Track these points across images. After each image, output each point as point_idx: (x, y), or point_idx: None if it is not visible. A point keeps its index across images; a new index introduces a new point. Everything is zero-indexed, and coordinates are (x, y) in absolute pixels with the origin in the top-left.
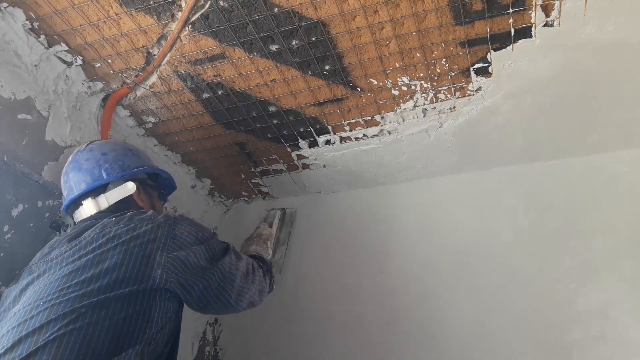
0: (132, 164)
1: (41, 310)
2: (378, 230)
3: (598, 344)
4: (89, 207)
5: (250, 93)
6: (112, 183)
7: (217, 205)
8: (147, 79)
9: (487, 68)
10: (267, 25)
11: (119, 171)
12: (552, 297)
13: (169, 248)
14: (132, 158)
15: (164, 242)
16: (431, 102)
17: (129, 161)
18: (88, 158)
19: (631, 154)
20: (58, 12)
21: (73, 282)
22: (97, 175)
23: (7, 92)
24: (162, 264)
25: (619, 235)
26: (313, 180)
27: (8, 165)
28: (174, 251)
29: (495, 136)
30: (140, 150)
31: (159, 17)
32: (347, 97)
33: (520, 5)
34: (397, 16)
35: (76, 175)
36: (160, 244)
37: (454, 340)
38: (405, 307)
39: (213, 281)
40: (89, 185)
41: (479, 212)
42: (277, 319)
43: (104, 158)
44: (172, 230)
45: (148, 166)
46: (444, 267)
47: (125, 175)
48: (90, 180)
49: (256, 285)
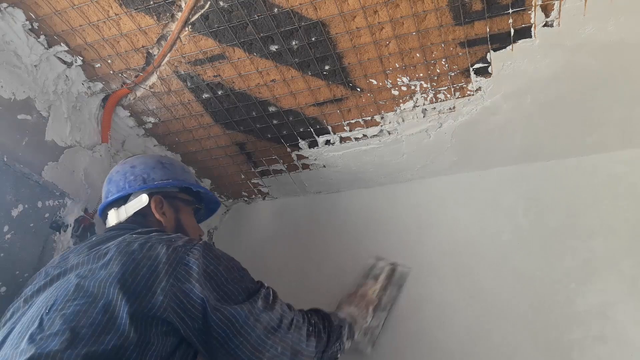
0: (158, 176)
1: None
2: (378, 230)
3: (598, 344)
4: (112, 217)
5: (250, 93)
6: (133, 195)
7: None
8: (147, 79)
9: (487, 68)
10: (267, 26)
11: (140, 183)
12: (552, 297)
13: (177, 275)
14: (160, 171)
15: (174, 267)
16: (431, 102)
17: (155, 174)
18: (118, 170)
19: (631, 154)
20: (58, 13)
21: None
22: (121, 186)
23: (7, 92)
24: (166, 291)
25: (619, 235)
26: (313, 180)
27: (8, 166)
28: (180, 280)
29: (495, 136)
30: (177, 164)
31: (158, 17)
32: (347, 97)
33: (520, 6)
34: (397, 16)
35: (106, 186)
36: (170, 269)
37: (453, 340)
38: (405, 307)
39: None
40: (113, 196)
41: (478, 212)
42: None
43: (131, 171)
44: (186, 256)
45: (176, 179)
46: (443, 266)
47: (145, 187)
48: (115, 192)
49: (287, 343)
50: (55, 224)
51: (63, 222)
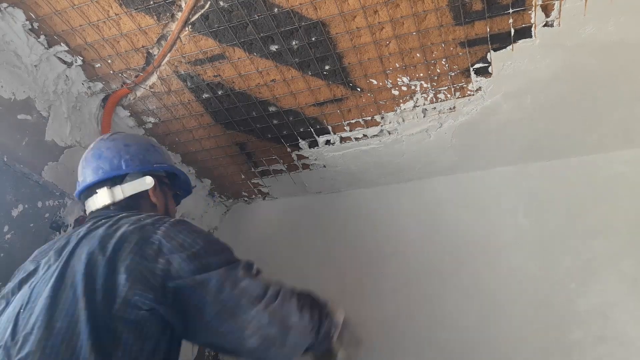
0: (153, 159)
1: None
2: (378, 230)
3: (598, 344)
4: (102, 196)
5: (250, 93)
6: (129, 175)
7: (217, 206)
8: (147, 79)
9: (487, 68)
10: (267, 26)
11: (138, 164)
12: (552, 297)
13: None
14: (154, 154)
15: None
16: (431, 102)
17: (150, 156)
18: (110, 147)
19: (631, 154)
20: (58, 13)
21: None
22: (116, 164)
23: (7, 92)
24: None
25: (619, 235)
26: (313, 180)
27: (8, 166)
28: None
29: (495, 136)
30: (163, 149)
31: (158, 17)
32: (347, 97)
33: (520, 5)
34: (397, 16)
35: (95, 162)
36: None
37: (454, 340)
38: (405, 307)
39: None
40: (107, 174)
41: (479, 212)
42: None
43: (126, 149)
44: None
45: (168, 164)
46: (444, 266)
47: (144, 169)
48: (109, 169)
49: (276, 316)
50: (55, 224)
51: (63, 222)
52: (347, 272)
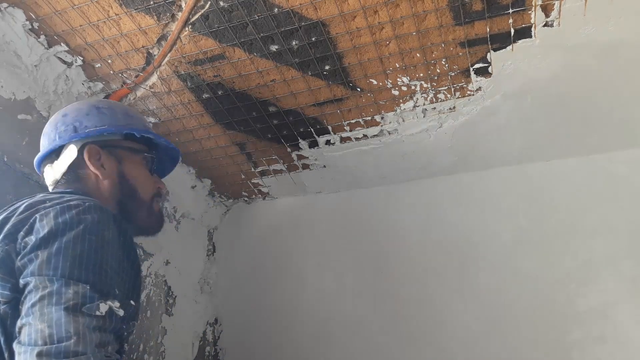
0: (91, 123)
1: None
2: (378, 231)
3: (598, 344)
4: (48, 175)
5: (250, 93)
6: (65, 147)
7: (217, 206)
8: (147, 80)
9: (487, 68)
10: (267, 26)
11: (71, 133)
12: (552, 297)
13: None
14: (96, 117)
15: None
16: (431, 102)
17: (88, 121)
18: (50, 120)
19: (631, 154)
20: (58, 13)
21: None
22: (52, 138)
23: (7, 92)
24: None
25: (619, 235)
26: (313, 180)
27: (8, 166)
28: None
29: (495, 136)
30: (119, 108)
31: (159, 17)
32: (347, 98)
33: (520, 6)
34: (397, 16)
35: (41, 141)
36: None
37: (453, 340)
38: (405, 308)
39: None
40: (45, 150)
41: (479, 212)
42: (277, 319)
43: (63, 120)
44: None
45: (113, 125)
46: (443, 267)
47: (77, 137)
48: (47, 145)
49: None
50: None
51: None
52: (347, 272)
